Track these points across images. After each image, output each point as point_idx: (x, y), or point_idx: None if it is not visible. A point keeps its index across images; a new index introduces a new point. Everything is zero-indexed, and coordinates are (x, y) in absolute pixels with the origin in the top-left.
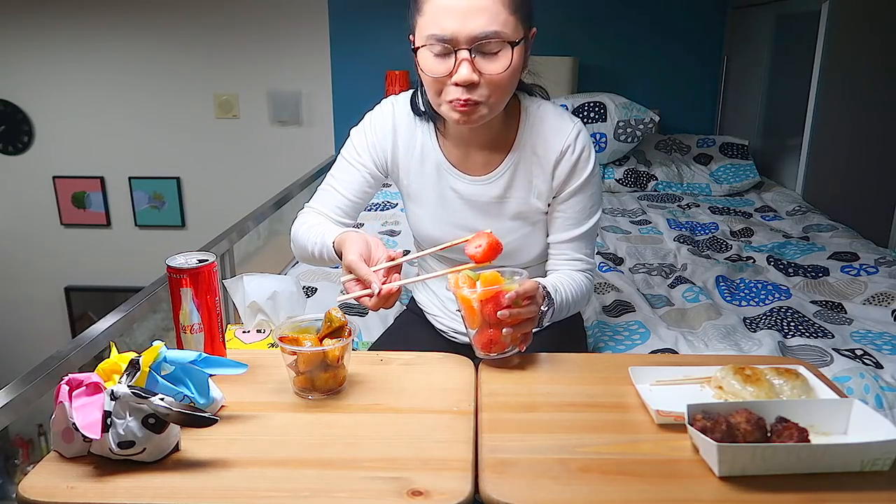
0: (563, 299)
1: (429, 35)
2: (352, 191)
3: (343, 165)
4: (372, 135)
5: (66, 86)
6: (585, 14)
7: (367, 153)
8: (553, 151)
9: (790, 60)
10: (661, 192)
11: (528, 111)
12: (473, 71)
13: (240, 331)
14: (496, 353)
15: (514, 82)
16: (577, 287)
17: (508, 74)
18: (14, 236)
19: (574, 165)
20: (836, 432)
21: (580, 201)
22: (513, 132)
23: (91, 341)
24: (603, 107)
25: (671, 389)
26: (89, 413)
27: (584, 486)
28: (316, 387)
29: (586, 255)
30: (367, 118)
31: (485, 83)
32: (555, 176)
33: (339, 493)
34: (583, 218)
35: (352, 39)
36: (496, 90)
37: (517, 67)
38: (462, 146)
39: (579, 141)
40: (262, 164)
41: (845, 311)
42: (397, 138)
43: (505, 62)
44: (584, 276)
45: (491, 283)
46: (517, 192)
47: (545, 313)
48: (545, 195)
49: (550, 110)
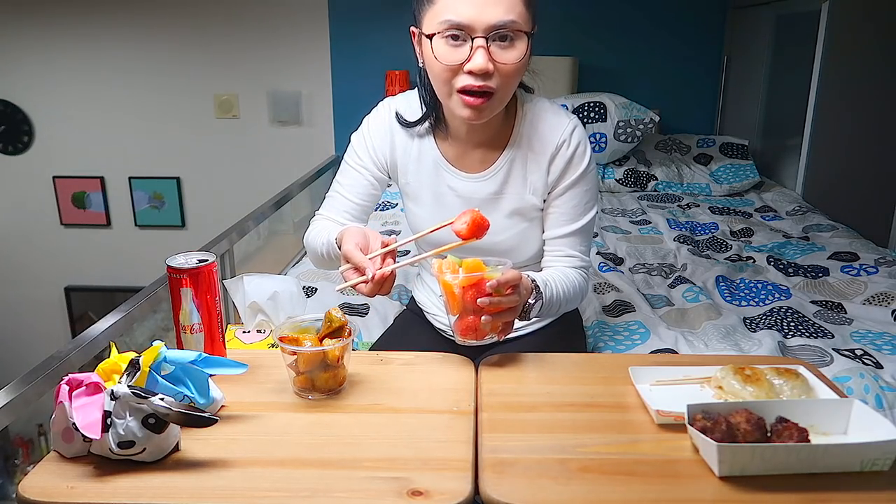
0: (554, 294)
1: (443, 20)
2: (357, 194)
3: (347, 170)
4: (370, 138)
5: (66, 86)
6: (585, 14)
7: (367, 156)
8: (549, 146)
9: (790, 60)
10: (661, 192)
11: (525, 108)
12: (489, 60)
13: (240, 331)
14: (475, 340)
15: (521, 76)
16: (570, 284)
17: (521, 66)
18: (14, 236)
19: (569, 160)
20: (836, 432)
21: (575, 197)
22: (509, 129)
23: (91, 341)
24: (603, 107)
25: (671, 389)
26: (89, 413)
27: (584, 486)
28: (316, 387)
29: (581, 253)
30: (364, 122)
31: (497, 73)
32: (550, 171)
33: (339, 493)
34: (578, 214)
35: (352, 39)
36: (507, 81)
37: (528, 60)
38: (459, 144)
39: (575, 136)
40: (262, 164)
41: (845, 311)
42: (395, 138)
43: (520, 52)
44: (578, 274)
45: (473, 271)
46: (513, 189)
47: (532, 306)
48: (541, 191)
49: (547, 107)
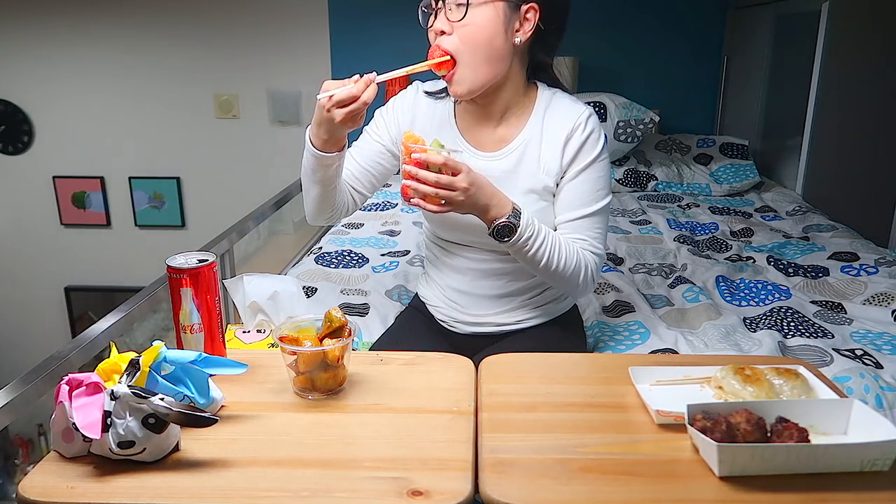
0: (539, 232)
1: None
2: (364, 157)
3: (362, 136)
4: (391, 112)
5: (66, 86)
6: (585, 14)
7: (384, 127)
8: (564, 129)
9: (790, 60)
10: (661, 192)
11: (544, 96)
12: (445, 21)
13: (240, 331)
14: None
15: (486, 42)
16: (567, 247)
17: (474, 31)
18: (14, 236)
19: (583, 144)
20: (836, 432)
21: (586, 182)
22: (527, 114)
23: (91, 341)
24: (603, 107)
25: (671, 389)
26: (89, 413)
27: (584, 486)
28: (316, 387)
29: (591, 237)
30: (391, 100)
31: (456, 35)
32: (564, 153)
33: (339, 493)
34: (588, 200)
35: (352, 39)
36: (467, 46)
37: (484, 26)
38: (477, 123)
39: (590, 123)
40: (262, 164)
41: (845, 312)
42: (416, 115)
43: (476, 16)
44: (581, 248)
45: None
46: (527, 168)
47: (504, 223)
48: (554, 172)
49: (566, 97)
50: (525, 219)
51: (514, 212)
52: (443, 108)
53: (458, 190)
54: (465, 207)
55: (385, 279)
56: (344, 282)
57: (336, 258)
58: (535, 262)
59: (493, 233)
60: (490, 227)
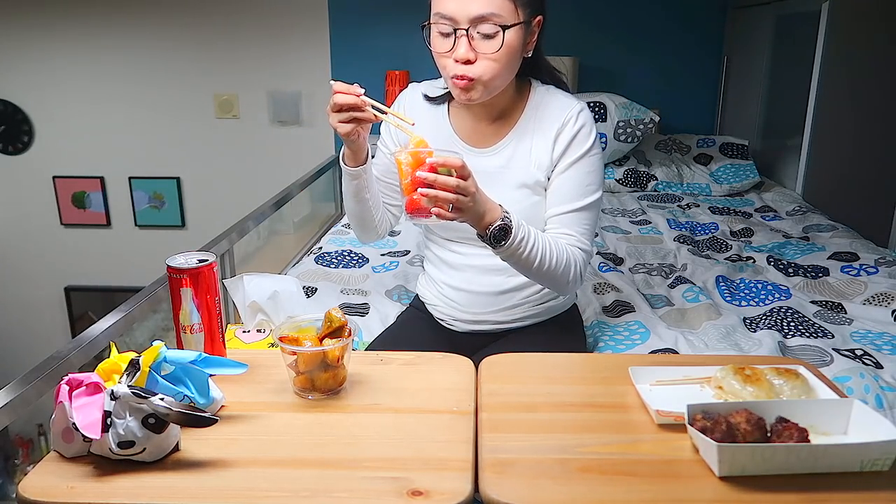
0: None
1: (436, 13)
2: (381, 172)
3: (376, 152)
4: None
5: (66, 86)
6: (585, 14)
7: (388, 136)
8: (555, 122)
9: (790, 60)
10: (661, 192)
11: (538, 92)
12: (470, 49)
13: (240, 331)
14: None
15: (510, 62)
16: (556, 244)
17: (502, 55)
18: (14, 236)
19: (574, 137)
20: (836, 432)
21: (577, 175)
22: (520, 110)
23: (91, 341)
24: (603, 107)
25: (671, 389)
26: (89, 413)
27: (584, 486)
28: (316, 387)
29: (579, 233)
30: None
31: (480, 61)
32: (555, 146)
33: (339, 493)
34: (579, 194)
35: (352, 39)
36: (490, 68)
37: (512, 49)
38: (471, 121)
39: (581, 116)
40: (262, 164)
41: (845, 311)
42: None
43: (498, 43)
44: (568, 244)
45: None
46: (519, 163)
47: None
48: (545, 165)
49: (559, 93)
50: (516, 220)
51: (505, 214)
52: (437, 107)
53: (469, 195)
54: (470, 213)
55: (385, 279)
56: (344, 282)
57: (336, 258)
58: (529, 263)
59: (490, 237)
60: (485, 233)
